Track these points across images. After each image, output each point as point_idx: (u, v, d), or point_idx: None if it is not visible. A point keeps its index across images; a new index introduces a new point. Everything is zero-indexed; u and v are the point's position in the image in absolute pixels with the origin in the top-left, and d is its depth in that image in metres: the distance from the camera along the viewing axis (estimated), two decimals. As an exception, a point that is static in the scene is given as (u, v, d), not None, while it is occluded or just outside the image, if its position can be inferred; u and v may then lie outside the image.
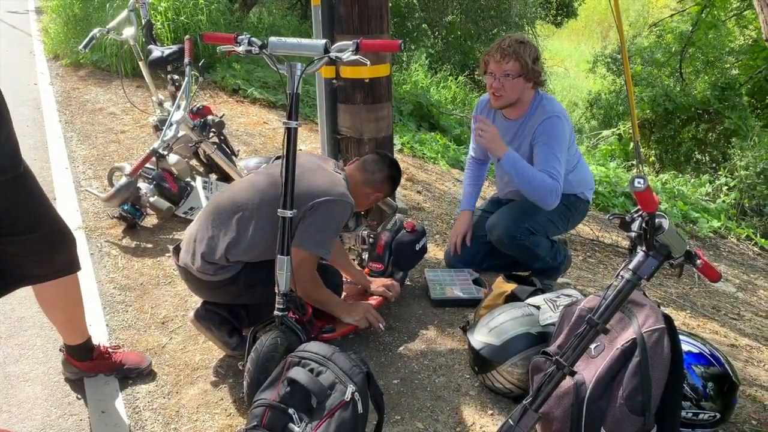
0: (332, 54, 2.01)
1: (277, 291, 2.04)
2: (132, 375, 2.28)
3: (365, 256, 2.88)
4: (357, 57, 2.01)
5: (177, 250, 2.37)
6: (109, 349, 2.30)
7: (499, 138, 2.73)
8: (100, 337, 2.49)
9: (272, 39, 2.04)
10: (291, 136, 2.02)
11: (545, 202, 2.74)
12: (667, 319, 1.77)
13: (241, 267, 2.23)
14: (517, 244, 2.84)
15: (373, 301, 2.60)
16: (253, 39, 2.06)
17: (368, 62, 2.04)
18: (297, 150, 2.05)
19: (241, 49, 2.06)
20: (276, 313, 2.03)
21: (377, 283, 2.68)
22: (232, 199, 2.30)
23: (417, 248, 2.77)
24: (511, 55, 2.70)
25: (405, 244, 2.74)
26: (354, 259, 2.86)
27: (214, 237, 2.23)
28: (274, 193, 2.15)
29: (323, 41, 2.00)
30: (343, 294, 2.62)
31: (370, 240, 2.83)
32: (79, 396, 2.22)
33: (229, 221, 2.23)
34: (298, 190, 2.13)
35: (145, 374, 2.30)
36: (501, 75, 2.73)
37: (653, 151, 10.16)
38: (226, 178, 3.92)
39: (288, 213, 2.03)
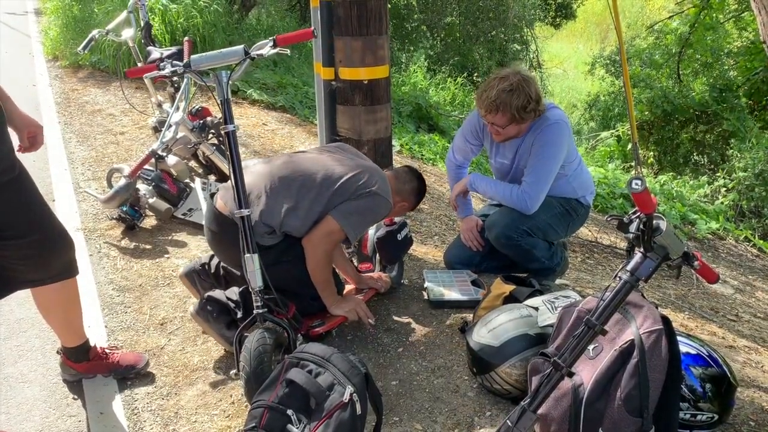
0: (253, 54, 2.14)
1: (251, 290, 2.07)
2: (130, 375, 2.29)
3: (355, 262, 2.90)
4: (277, 50, 2.15)
5: (213, 196, 2.40)
6: (106, 350, 2.31)
7: (455, 189, 3.05)
8: (99, 338, 2.49)
9: (194, 57, 2.16)
10: (230, 139, 2.11)
11: (520, 209, 2.83)
12: (665, 321, 1.78)
13: (281, 239, 2.29)
14: (514, 245, 2.85)
15: (363, 294, 2.64)
16: (175, 62, 2.16)
17: (288, 51, 2.18)
18: (239, 151, 2.14)
19: (166, 72, 2.15)
20: (255, 311, 2.07)
21: (366, 278, 2.73)
22: (291, 166, 2.35)
23: (399, 238, 2.79)
24: (498, 107, 2.64)
25: (386, 236, 2.78)
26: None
27: (275, 198, 2.26)
28: (339, 179, 2.30)
29: (241, 46, 2.13)
30: None
31: (355, 243, 2.87)
32: (78, 397, 2.22)
33: (290, 187, 2.28)
34: (360, 175, 2.33)
35: (143, 374, 2.30)
36: (491, 124, 2.75)
37: (652, 153, 10.16)
38: (225, 179, 3.92)
39: (245, 212, 2.08)
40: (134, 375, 2.29)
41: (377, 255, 2.84)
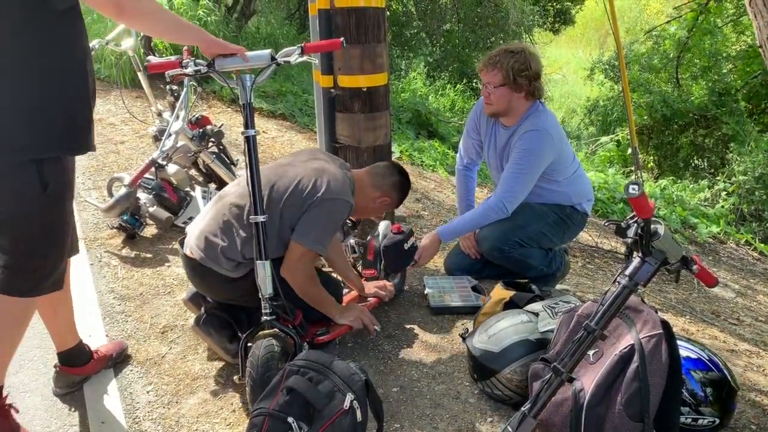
0: (279, 60, 2.10)
1: (261, 296, 2.06)
2: (120, 359, 2.42)
3: (360, 267, 2.90)
4: (305, 58, 2.11)
5: (182, 243, 2.38)
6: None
7: (426, 249, 2.92)
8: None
9: (218, 57, 2.12)
10: (251, 144, 2.08)
11: (500, 216, 2.83)
12: (665, 325, 1.78)
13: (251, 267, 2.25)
14: (507, 257, 2.86)
15: (367, 302, 2.62)
16: (199, 60, 2.10)
17: (316, 61, 2.12)
18: (258, 157, 2.11)
19: (189, 70, 2.11)
20: (264, 318, 2.05)
21: (370, 286, 2.70)
22: (243, 195, 2.29)
23: (406, 248, 2.78)
24: (495, 64, 2.72)
25: (393, 245, 2.76)
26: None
27: (229, 234, 2.23)
28: (284, 192, 2.22)
29: (269, 51, 2.09)
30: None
31: (360, 249, 2.86)
32: (79, 407, 2.22)
33: (240, 218, 2.24)
34: (303, 183, 2.24)
35: (125, 357, 2.46)
36: (486, 84, 2.76)
37: (651, 157, 10.18)
38: (224, 187, 3.93)
39: (260, 218, 2.07)
40: (123, 359, 2.44)
41: (382, 262, 2.83)
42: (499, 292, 2.50)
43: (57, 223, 1.86)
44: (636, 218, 1.62)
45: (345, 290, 2.70)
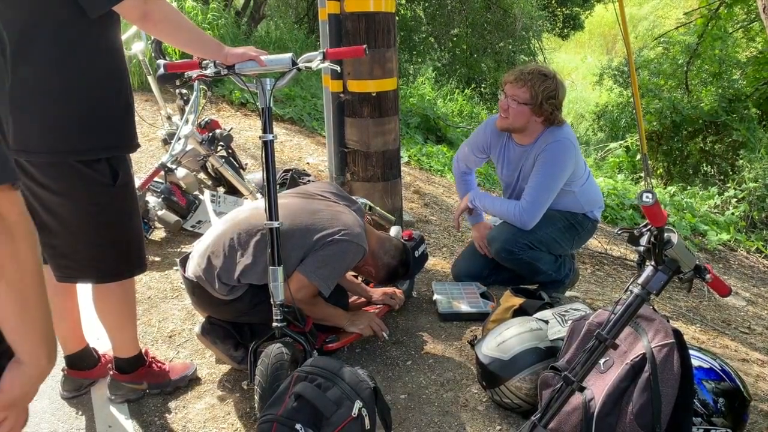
0: (300, 65, 2.08)
1: (273, 302, 2.05)
2: (184, 384, 2.31)
3: None
4: (326, 64, 2.08)
5: (184, 262, 2.37)
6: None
7: (458, 210, 3.10)
8: (107, 351, 2.49)
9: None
10: (268, 149, 2.06)
11: (519, 226, 2.83)
12: (677, 334, 1.76)
13: (249, 286, 2.24)
14: (515, 259, 2.85)
15: (377, 310, 2.60)
16: (219, 62, 2.07)
17: (338, 67, 2.09)
18: (275, 161, 2.09)
19: (208, 72, 2.09)
20: (275, 324, 2.04)
21: (379, 293, 2.68)
22: (250, 221, 2.29)
23: (417, 255, 2.76)
24: (526, 82, 2.71)
25: None
26: (358, 276, 2.86)
27: (232, 258, 2.22)
28: (291, 224, 2.18)
29: (289, 55, 2.07)
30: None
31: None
32: (86, 411, 2.22)
33: (247, 244, 2.23)
34: (321, 219, 2.23)
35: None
36: (510, 97, 2.75)
37: (661, 164, 10.12)
38: (234, 191, 3.93)
39: (275, 224, 2.06)
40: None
41: None
42: (509, 299, 2.48)
43: (128, 211, 2.01)
44: (649, 226, 1.60)
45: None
